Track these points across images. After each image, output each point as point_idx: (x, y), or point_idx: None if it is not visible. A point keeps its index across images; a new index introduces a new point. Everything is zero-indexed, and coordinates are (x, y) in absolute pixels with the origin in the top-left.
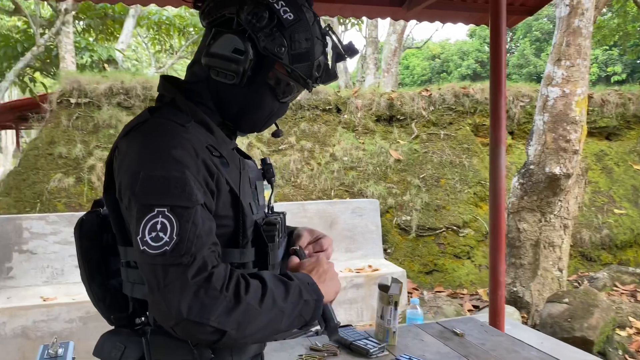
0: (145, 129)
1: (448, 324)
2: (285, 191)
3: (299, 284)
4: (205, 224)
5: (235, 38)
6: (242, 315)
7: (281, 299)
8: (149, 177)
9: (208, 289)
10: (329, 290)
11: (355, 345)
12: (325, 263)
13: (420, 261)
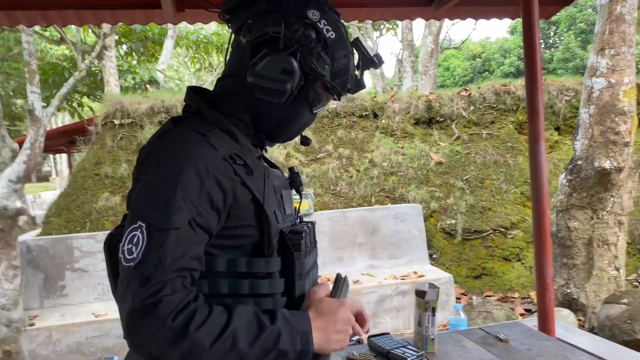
0: (164, 141)
1: (491, 329)
2: (325, 199)
3: (278, 330)
4: (179, 247)
5: (286, 59)
6: (186, 351)
7: (245, 343)
8: (144, 188)
9: (153, 317)
10: (328, 345)
11: (393, 354)
12: (344, 315)
13: (467, 265)
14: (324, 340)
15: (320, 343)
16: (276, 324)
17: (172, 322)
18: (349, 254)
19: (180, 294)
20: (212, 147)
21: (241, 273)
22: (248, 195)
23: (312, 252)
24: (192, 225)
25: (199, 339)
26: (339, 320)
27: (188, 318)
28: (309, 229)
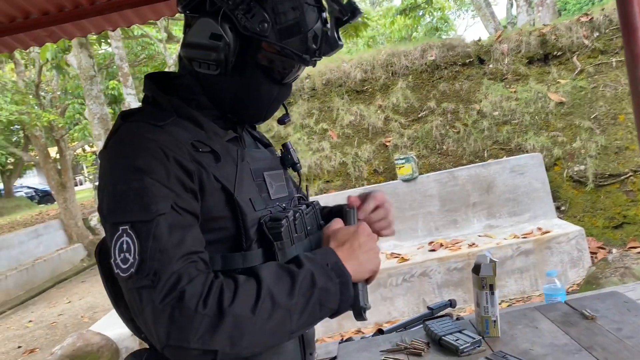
0: (114, 142)
1: (578, 304)
2: (431, 161)
3: (310, 270)
4: (175, 233)
5: (209, 21)
6: (232, 330)
7: (285, 296)
8: (112, 194)
9: (182, 309)
10: (361, 268)
11: (445, 340)
12: (364, 235)
13: (604, 215)
14: (356, 264)
15: (353, 268)
16: (304, 267)
17: (204, 308)
18: (463, 216)
19: (199, 278)
20: (166, 134)
21: (217, 272)
22: (216, 184)
23: (310, 239)
24: (177, 210)
25: (238, 312)
26: (361, 241)
27: (218, 297)
28: (301, 213)
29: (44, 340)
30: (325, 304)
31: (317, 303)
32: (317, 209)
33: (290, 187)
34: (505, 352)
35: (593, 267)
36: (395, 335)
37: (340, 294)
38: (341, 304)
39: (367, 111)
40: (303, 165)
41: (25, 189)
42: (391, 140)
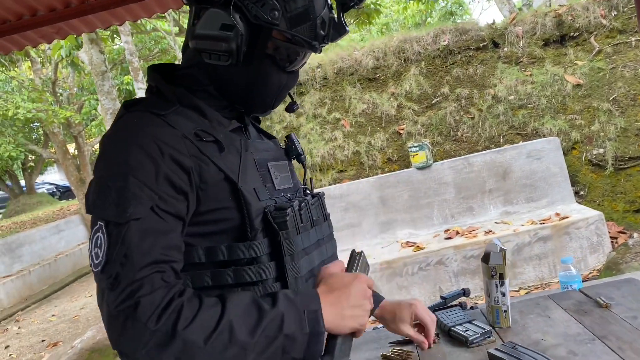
0: (112, 131)
1: (593, 291)
2: (445, 148)
3: (281, 313)
4: (147, 239)
5: (220, 12)
6: (180, 354)
7: (245, 333)
8: (97, 186)
9: (134, 320)
10: (343, 322)
11: (454, 331)
12: (357, 287)
13: (624, 198)
14: (337, 317)
15: (332, 321)
16: (277, 307)
17: (156, 323)
18: (479, 203)
19: (160, 291)
20: (167, 126)
21: (222, 262)
22: (219, 175)
23: (316, 229)
24: (157, 213)
25: (190, 337)
26: (352, 293)
27: (175, 316)
28: (306, 203)
29: (67, 333)
30: (289, 351)
31: (279, 349)
32: (322, 200)
33: (295, 179)
34: (516, 343)
35: (613, 252)
36: None
37: (307, 345)
38: (307, 356)
39: (379, 99)
40: (316, 155)
41: (47, 185)
42: (405, 128)
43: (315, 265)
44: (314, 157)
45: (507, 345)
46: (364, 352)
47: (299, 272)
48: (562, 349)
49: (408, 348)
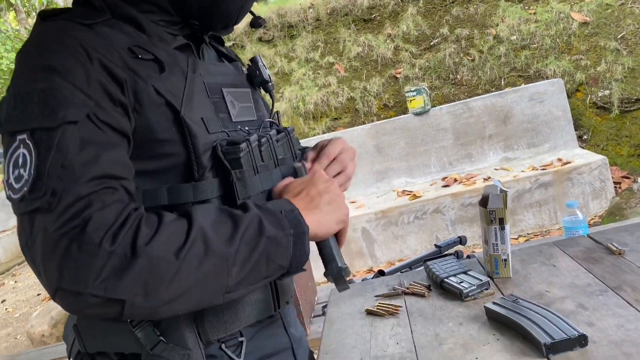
0: (27, 44)
1: (603, 237)
2: (444, 92)
3: (258, 215)
4: (87, 149)
5: None
6: (147, 275)
7: (223, 242)
8: (12, 98)
9: (83, 243)
10: (326, 218)
11: (447, 283)
12: (323, 181)
13: (629, 142)
14: (317, 215)
15: (316, 220)
16: (251, 211)
17: (112, 243)
18: (478, 150)
19: (114, 206)
20: (95, 34)
21: (163, 207)
22: (158, 99)
23: (281, 169)
24: (96, 123)
25: (157, 253)
26: (320, 188)
27: (132, 233)
28: (269, 139)
29: None
30: (273, 258)
31: (263, 256)
32: (291, 136)
33: (262, 112)
34: (517, 296)
35: (617, 197)
36: (395, 277)
37: (293, 247)
38: (294, 261)
39: (375, 41)
40: (309, 103)
41: None
42: (401, 72)
43: None
44: (307, 105)
45: (506, 299)
46: (347, 306)
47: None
48: (569, 302)
49: (396, 302)
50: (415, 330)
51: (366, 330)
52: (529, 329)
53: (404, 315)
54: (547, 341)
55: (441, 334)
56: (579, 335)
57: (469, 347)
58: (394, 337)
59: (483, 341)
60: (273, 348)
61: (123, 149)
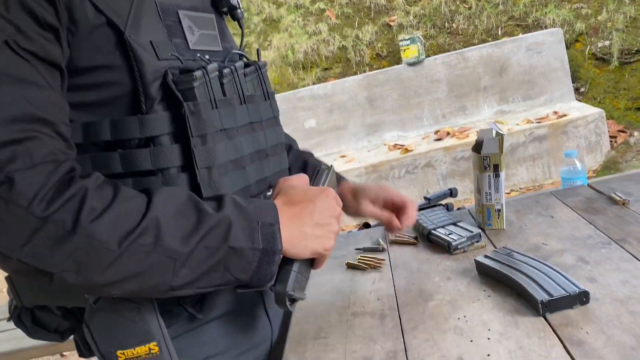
0: None
1: (605, 186)
2: (439, 41)
3: (227, 220)
4: (7, 83)
5: None
6: (81, 255)
7: (178, 239)
8: None
9: (9, 203)
10: (303, 243)
11: (435, 235)
12: (325, 202)
13: (627, 95)
14: (296, 235)
15: (291, 239)
16: (224, 211)
17: (46, 208)
18: (472, 102)
19: (45, 166)
20: None
21: (107, 143)
22: (98, 18)
23: (248, 107)
24: (17, 52)
25: (98, 234)
26: (318, 209)
27: (76, 204)
28: (232, 70)
29: None
30: (232, 270)
31: (220, 264)
32: (263, 72)
33: (230, 43)
34: (511, 249)
35: (612, 151)
36: (380, 230)
37: (258, 265)
38: (255, 278)
39: None
40: (298, 51)
41: None
42: (395, 20)
43: (245, 154)
44: (296, 54)
45: (499, 252)
46: (327, 259)
47: (213, 160)
48: (569, 256)
49: (380, 255)
50: (398, 286)
51: (345, 285)
52: (524, 285)
53: (387, 270)
54: (544, 298)
55: (426, 290)
56: (579, 292)
57: (456, 304)
58: (375, 293)
59: (472, 297)
60: (241, 302)
61: (54, 84)
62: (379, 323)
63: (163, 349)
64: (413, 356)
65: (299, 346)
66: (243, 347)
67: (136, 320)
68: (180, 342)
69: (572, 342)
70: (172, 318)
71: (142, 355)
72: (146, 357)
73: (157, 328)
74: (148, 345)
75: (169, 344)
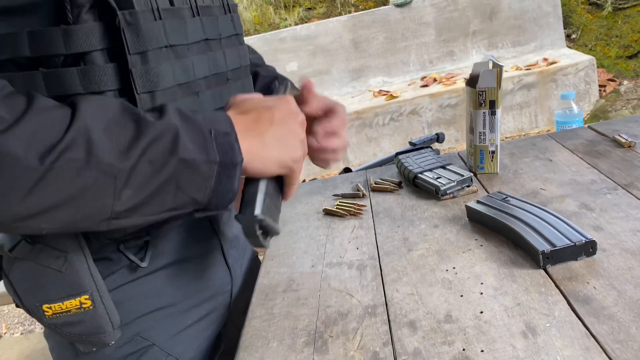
0: None
1: (608, 128)
2: None
3: (175, 128)
4: None
5: None
6: None
7: (115, 153)
8: None
9: None
10: (266, 153)
11: (421, 179)
12: (287, 110)
13: (619, 43)
14: (256, 145)
15: (250, 151)
16: (167, 119)
17: None
18: (460, 47)
19: None
20: None
21: (27, 60)
22: None
23: (202, 21)
24: None
25: (13, 149)
26: (277, 115)
27: None
28: None
29: None
30: (185, 188)
31: (171, 182)
32: None
33: None
34: (507, 194)
35: (602, 100)
36: (361, 174)
37: (217, 180)
38: (214, 197)
39: None
40: None
41: None
42: None
43: (199, 78)
44: None
45: (493, 197)
46: (303, 206)
47: (156, 83)
48: (571, 202)
49: (360, 201)
50: (380, 233)
51: (322, 233)
52: (522, 234)
53: (368, 216)
54: (546, 248)
55: (411, 238)
56: (586, 242)
57: (444, 254)
58: (354, 241)
59: (462, 247)
60: (194, 250)
61: None
62: (357, 274)
63: (97, 303)
64: (395, 312)
65: (267, 299)
66: (196, 299)
67: (63, 270)
68: (119, 294)
69: (577, 298)
70: (110, 267)
71: (73, 310)
72: (78, 312)
73: (89, 279)
74: (78, 298)
75: (105, 297)
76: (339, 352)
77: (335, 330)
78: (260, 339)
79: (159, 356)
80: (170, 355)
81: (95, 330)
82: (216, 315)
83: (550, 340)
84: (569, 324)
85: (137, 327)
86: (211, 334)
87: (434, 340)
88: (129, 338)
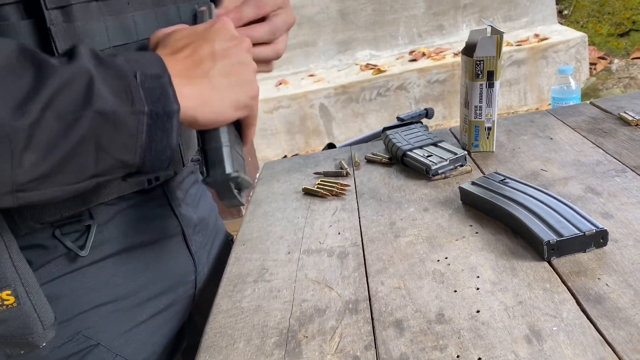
0: None
1: (613, 105)
2: None
3: (87, 73)
4: None
5: None
6: None
7: (9, 107)
8: None
9: None
10: (213, 95)
11: (410, 156)
12: (225, 37)
13: (611, 20)
14: (204, 89)
15: (199, 96)
16: (79, 62)
17: None
18: (450, 21)
19: None
20: None
21: None
22: None
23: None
24: None
25: None
26: (217, 47)
27: None
28: None
29: None
30: (107, 148)
31: (89, 142)
32: None
33: None
34: (504, 174)
35: (593, 78)
36: (345, 151)
37: (148, 135)
38: (148, 157)
39: None
40: None
41: None
42: None
43: (143, 39)
44: None
45: (490, 178)
46: (280, 185)
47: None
48: (575, 185)
49: (344, 181)
50: (364, 217)
51: (300, 215)
52: (524, 220)
53: (352, 197)
54: (551, 238)
55: (398, 223)
56: (597, 231)
57: (435, 241)
58: (336, 225)
59: (455, 234)
60: (148, 235)
61: None
62: (338, 264)
63: (22, 299)
64: (379, 309)
65: (236, 291)
66: (150, 292)
67: None
68: (56, 287)
69: (587, 296)
70: (44, 256)
71: None
72: None
73: (12, 270)
74: None
75: (33, 292)
76: (314, 356)
77: (310, 330)
78: (225, 337)
79: (106, 357)
80: (119, 355)
81: (21, 330)
82: (176, 309)
83: (558, 348)
84: (580, 328)
85: (78, 324)
86: (170, 331)
87: (423, 344)
88: (69, 337)
